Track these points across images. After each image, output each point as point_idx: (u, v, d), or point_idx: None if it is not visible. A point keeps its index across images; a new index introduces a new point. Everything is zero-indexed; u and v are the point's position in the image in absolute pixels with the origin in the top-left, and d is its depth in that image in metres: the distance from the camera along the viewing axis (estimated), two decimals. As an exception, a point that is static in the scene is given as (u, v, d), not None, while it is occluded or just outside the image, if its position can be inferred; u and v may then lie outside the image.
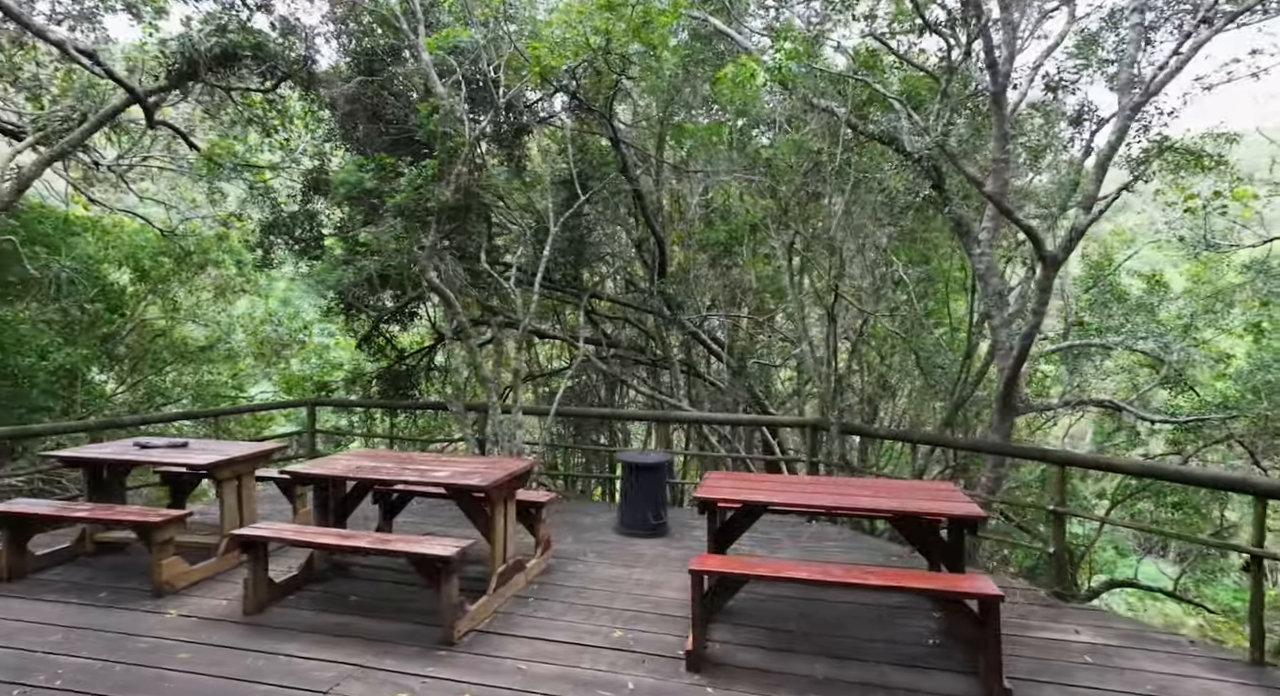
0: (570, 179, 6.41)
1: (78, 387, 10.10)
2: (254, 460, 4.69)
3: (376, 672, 3.16)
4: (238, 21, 6.09)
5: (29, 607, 3.92)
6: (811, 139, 6.23)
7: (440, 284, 5.49)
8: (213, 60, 5.96)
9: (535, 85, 5.69)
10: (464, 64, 5.50)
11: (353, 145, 7.73)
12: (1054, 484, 4.15)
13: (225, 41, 5.85)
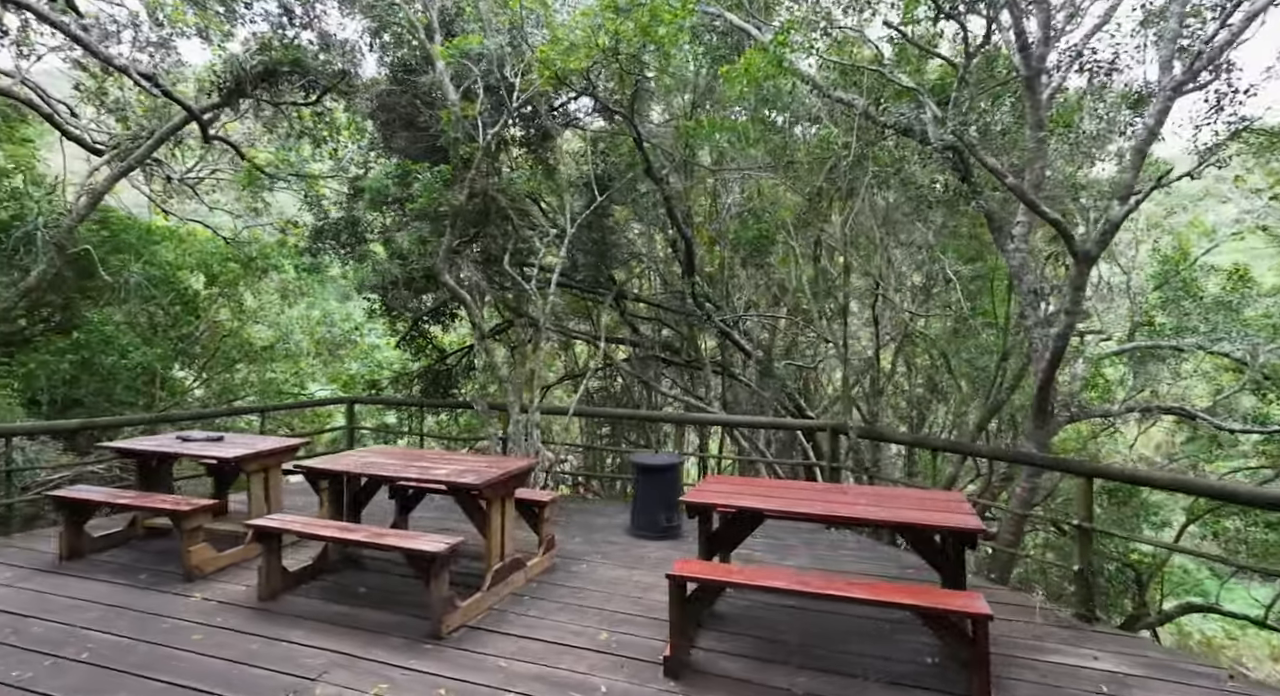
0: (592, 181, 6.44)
1: (156, 384, 10.95)
2: (279, 454, 4.97)
3: (363, 662, 3.28)
4: (280, 40, 6.46)
5: (79, 585, 4.29)
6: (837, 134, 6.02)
7: (456, 286, 5.65)
8: (256, 78, 6.35)
9: (549, 89, 5.74)
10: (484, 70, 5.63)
11: (394, 153, 8.06)
12: (1079, 496, 3.85)
13: (266, 59, 6.22)
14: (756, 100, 7.12)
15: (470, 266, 6.08)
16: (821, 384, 11.93)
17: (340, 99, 8.16)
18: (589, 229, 7.21)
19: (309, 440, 5.46)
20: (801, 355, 10.91)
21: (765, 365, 7.50)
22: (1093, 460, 9.08)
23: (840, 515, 3.33)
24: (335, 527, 3.90)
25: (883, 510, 3.37)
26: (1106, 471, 3.95)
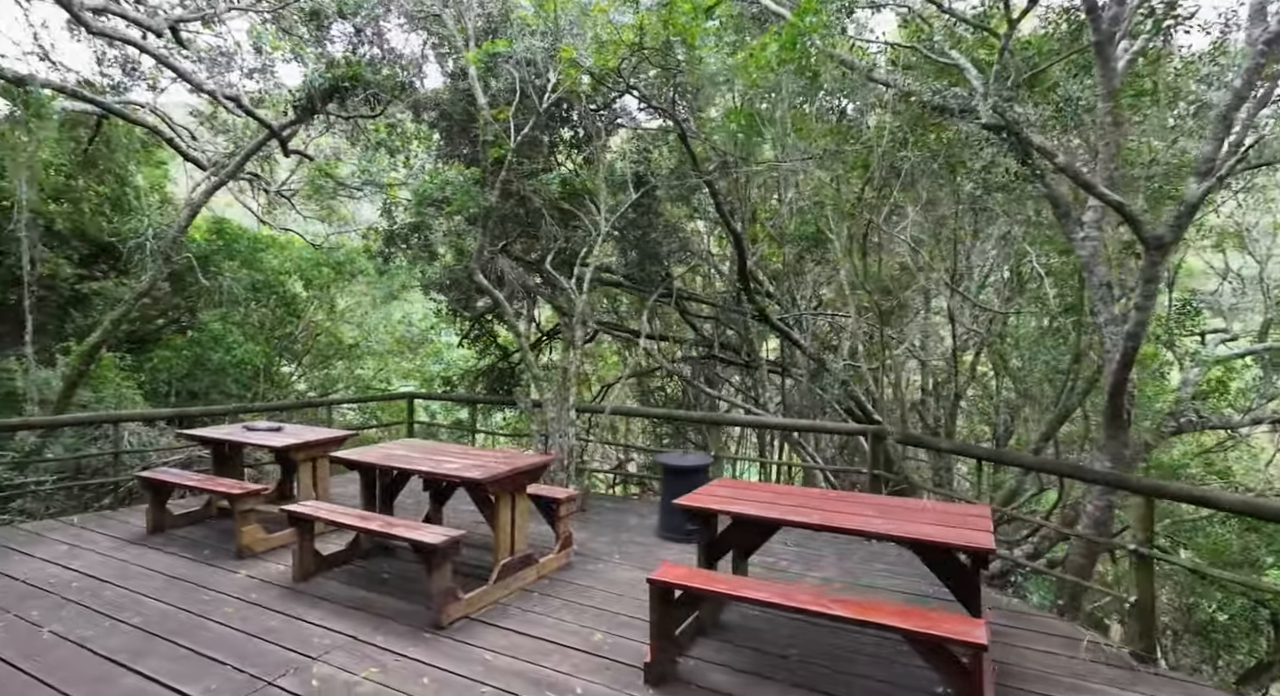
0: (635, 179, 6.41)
1: (261, 377, 12.05)
2: (326, 444, 5.31)
3: (364, 646, 3.44)
4: (347, 58, 6.93)
5: (153, 556, 4.80)
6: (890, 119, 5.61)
7: (490, 286, 5.81)
8: (323, 94, 6.84)
9: (571, 88, 5.76)
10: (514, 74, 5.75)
11: (458, 159, 8.42)
12: (1137, 517, 3.36)
13: (331, 76, 6.68)
14: (811, 89, 6.83)
15: (512, 266, 6.24)
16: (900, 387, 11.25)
17: (407, 110, 8.62)
18: (634, 227, 7.18)
19: (357, 432, 5.82)
20: (875, 356, 10.33)
21: (817, 366, 7.16)
22: (1225, 479, 7.94)
23: (835, 525, 3.10)
24: (355, 516, 4.11)
25: (885, 521, 3.10)
26: (1165, 489, 3.39)
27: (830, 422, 6.29)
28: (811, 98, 6.30)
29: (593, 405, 7.14)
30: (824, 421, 6.97)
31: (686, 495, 3.63)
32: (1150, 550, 3.32)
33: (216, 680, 3.08)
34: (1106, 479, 3.73)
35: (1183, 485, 3.42)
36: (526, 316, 6.42)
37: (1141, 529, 3.35)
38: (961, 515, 3.21)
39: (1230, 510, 3.50)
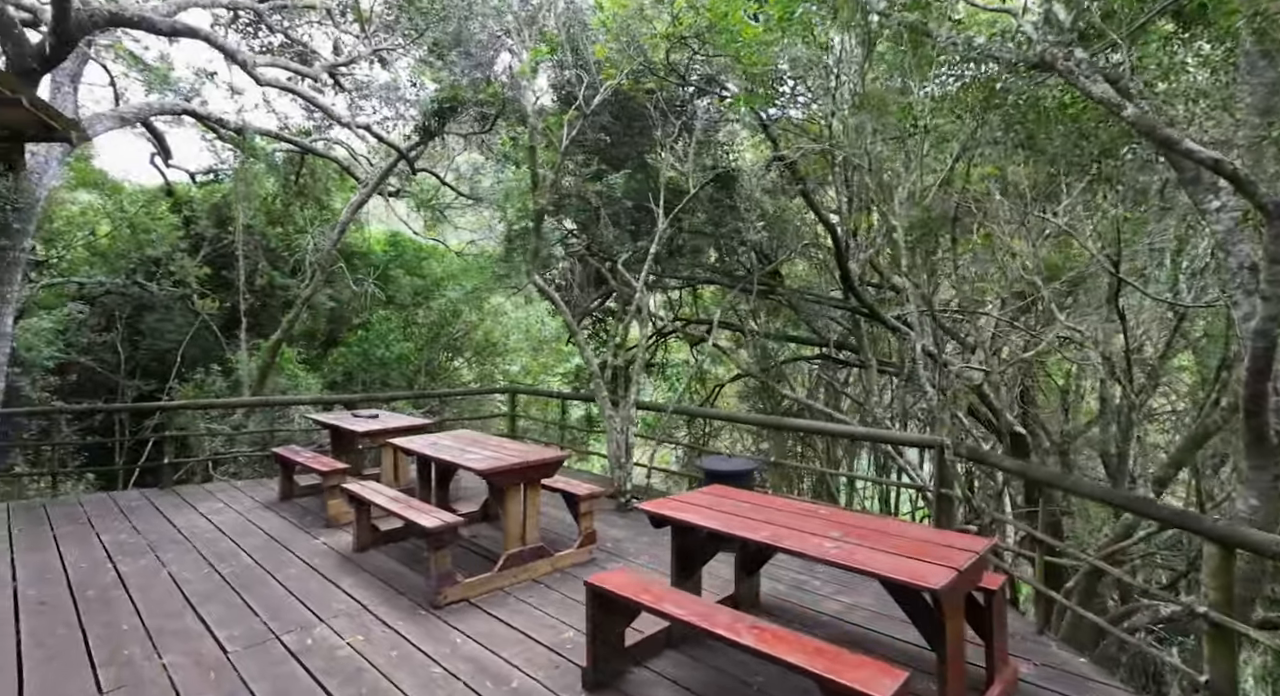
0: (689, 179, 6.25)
1: (420, 371, 13.71)
2: (401, 431, 5.93)
3: (365, 615, 3.82)
4: (449, 82, 7.66)
5: (272, 519, 5.76)
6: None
7: (544, 285, 6.04)
8: (434, 116, 7.62)
9: (630, 87, 5.72)
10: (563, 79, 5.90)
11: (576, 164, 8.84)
12: (1210, 572, 2.50)
13: (437, 101, 7.42)
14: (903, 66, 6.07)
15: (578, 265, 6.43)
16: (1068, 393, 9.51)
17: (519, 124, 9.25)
18: (711, 222, 6.98)
19: (430, 421, 6.41)
20: (1039, 359, 8.88)
21: (910, 367, 6.34)
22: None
23: (779, 545, 2.76)
24: (386, 497, 4.56)
25: (839, 546, 2.70)
26: (1247, 539, 2.42)
27: (897, 433, 5.55)
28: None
29: (654, 404, 7.08)
30: (890, 431, 6.16)
31: (655, 501, 3.48)
32: (1226, 617, 2.46)
33: (242, 629, 3.64)
34: (1167, 517, 2.79)
35: (1266, 536, 2.41)
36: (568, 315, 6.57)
37: (1216, 588, 2.50)
38: (942, 545, 2.67)
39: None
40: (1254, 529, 2.49)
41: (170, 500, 6.43)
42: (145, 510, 6.08)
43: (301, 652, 3.36)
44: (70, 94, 8.99)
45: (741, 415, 7.89)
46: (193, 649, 3.41)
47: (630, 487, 6.07)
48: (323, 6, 11.21)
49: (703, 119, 6.61)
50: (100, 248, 12.09)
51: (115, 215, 12.58)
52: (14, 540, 5.24)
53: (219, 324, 11.75)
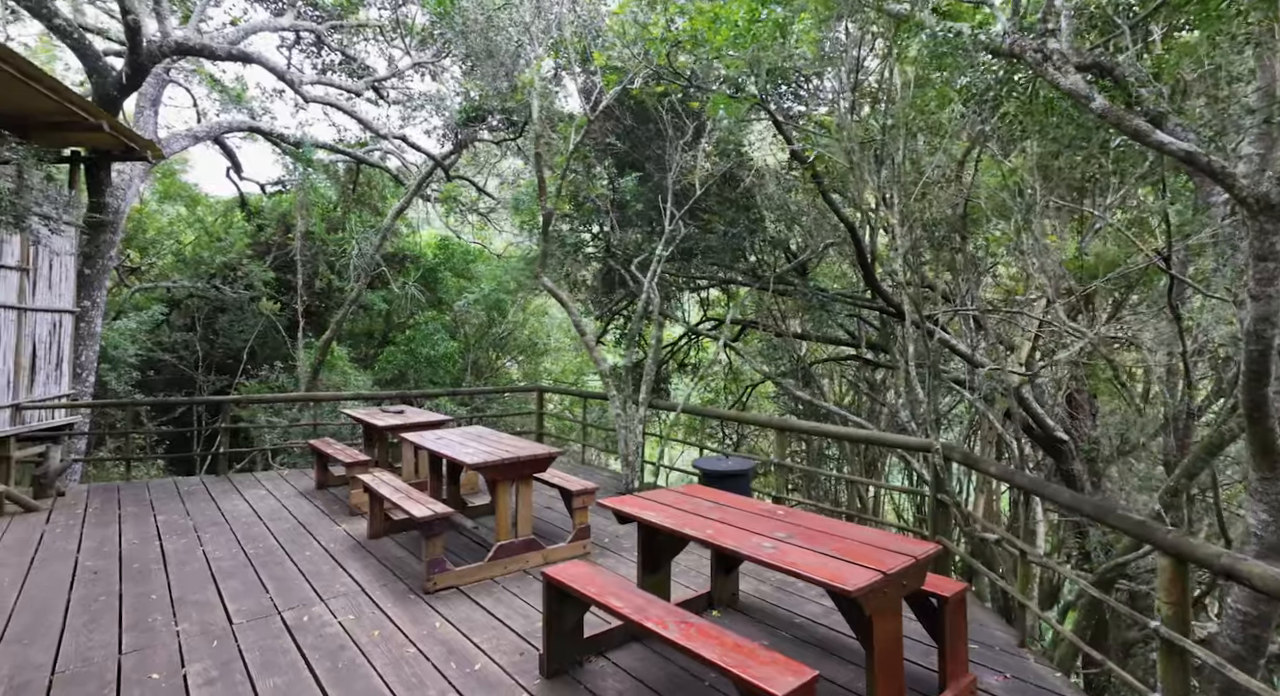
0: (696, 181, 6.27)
1: (467, 369, 14.25)
2: (420, 427, 6.25)
3: (361, 597, 4.10)
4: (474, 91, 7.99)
5: (304, 506, 6.20)
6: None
7: (552, 286, 6.20)
8: (462, 125, 7.97)
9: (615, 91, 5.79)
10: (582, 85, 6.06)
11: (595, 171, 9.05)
12: (1163, 587, 2.34)
13: (464, 110, 7.76)
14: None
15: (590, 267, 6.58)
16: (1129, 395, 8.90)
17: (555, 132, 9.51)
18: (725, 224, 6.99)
19: (451, 419, 6.70)
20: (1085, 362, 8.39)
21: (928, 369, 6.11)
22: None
23: (717, 543, 2.81)
24: (391, 488, 4.85)
25: (778, 547, 2.71)
26: (1193, 552, 2.20)
27: (892, 435, 5.37)
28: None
29: (665, 403, 7.14)
30: (885, 434, 5.96)
31: (619, 497, 3.58)
32: (1180, 634, 2.31)
33: (250, 604, 3.99)
34: (1128, 527, 2.58)
35: (1214, 550, 2.16)
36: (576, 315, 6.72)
37: (1168, 602, 2.35)
38: (882, 549, 2.64)
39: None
40: (1199, 542, 2.31)
41: (222, 486, 7.02)
42: (199, 494, 6.68)
43: (296, 628, 3.66)
44: (151, 116, 9.90)
45: (740, 415, 7.84)
46: (205, 619, 3.77)
47: (639, 485, 6.17)
48: (374, 24, 11.86)
49: (716, 121, 6.63)
50: (186, 255, 13.22)
51: (196, 225, 13.73)
52: (87, 517, 5.88)
53: (284, 324, 12.65)
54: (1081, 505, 3.01)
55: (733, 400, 11.15)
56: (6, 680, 3.15)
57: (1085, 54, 3.62)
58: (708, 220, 7.05)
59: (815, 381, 9.38)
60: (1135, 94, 3.37)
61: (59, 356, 7.65)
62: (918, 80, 5.67)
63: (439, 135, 10.27)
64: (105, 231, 8.90)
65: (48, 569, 4.59)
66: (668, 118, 6.34)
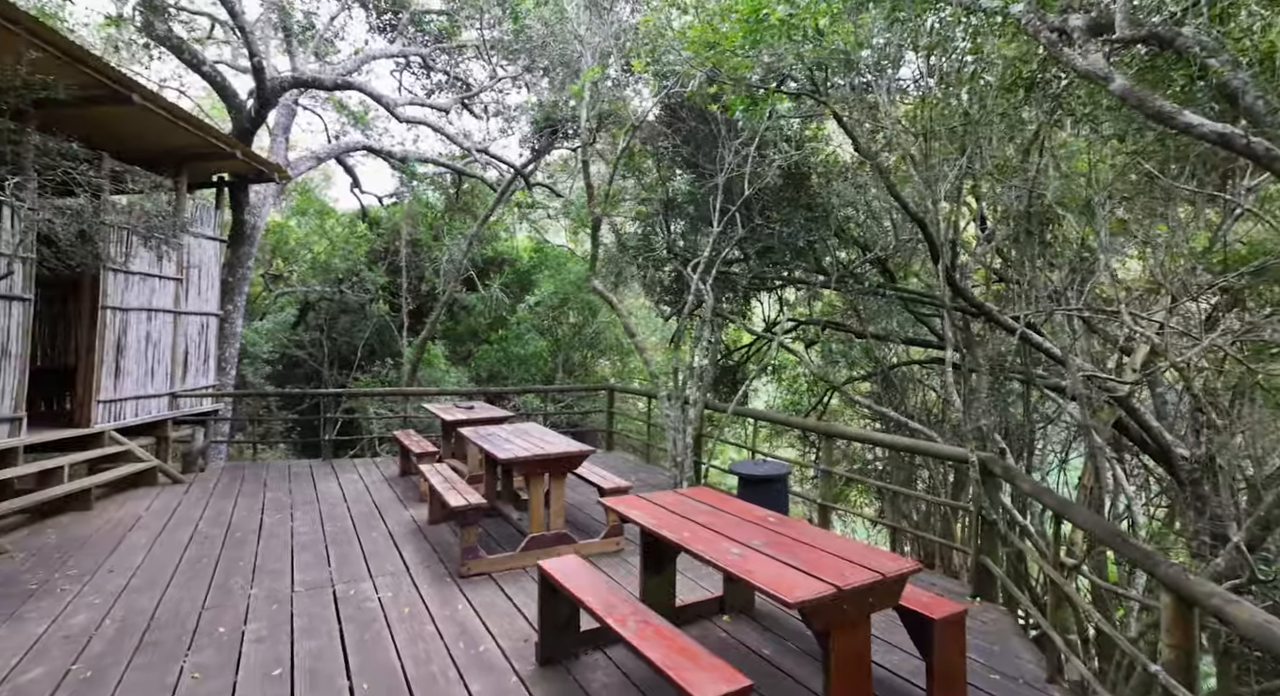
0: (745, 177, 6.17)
1: (559, 367, 14.84)
2: (479, 423, 6.67)
3: (402, 578, 4.49)
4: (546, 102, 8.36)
5: (382, 490, 6.84)
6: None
7: (602, 289, 6.32)
8: (533, 135, 8.39)
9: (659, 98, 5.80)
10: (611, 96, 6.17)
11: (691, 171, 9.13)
12: (1165, 627, 2.01)
13: (535, 121, 8.16)
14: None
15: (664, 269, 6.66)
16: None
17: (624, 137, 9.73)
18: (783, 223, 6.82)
19: (510, 415, 7.06)
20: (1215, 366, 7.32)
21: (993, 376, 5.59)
22: None
23: (689, 547, 2.82)
24: (440, 478, 5.24)
25: (744, 555, 2.68)
26: (1189, 589, 1.79)
27: (931, 444, 4.95)
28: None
29: (718, 405, 7.06)
30: (925, 443, 5.46)
31: (625, 498, 3.67)
32: (1183, 683, 1.99)
33: (313, 576, 4.50)
34: (1135, 556, 2.20)
35: (1210, 587, 1.71)
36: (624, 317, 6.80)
37: (1170, 644, 2.04)
38: (851, 563, 2.53)
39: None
40: (1197, 579, 1.97)
41: (324, 470, 7.90)
42: (304, 476, 7.56)
43: (342, 600, 4.10)
44: (282, 142, 11.25)
45: (785, 417, 7.58)
46: (273, 586, 4.32)
47: (685, 486, 6.21)
48: (473, 44, 12.70)
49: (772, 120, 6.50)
50: (318, 262, 14.87)
51: (325, 236, 15.39)
52: (214, 491, 6.86)
53: (396, 324, 13.90)
54: (1096, 528, 2.69)
55: (812, 404, 10.80)
56: (120, 620, 3.81)
57: (1142, 25, 3.23)
58: (769, 219, 6.92)
59: (896, 385, 8.88)
60: (1200, 66, 2.96)
61: (206, 353, 8.92)
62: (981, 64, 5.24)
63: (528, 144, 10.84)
64: (244, 244, 10.25)
65: (174, 532, 5.44)
66: (721, 117, 6.32)
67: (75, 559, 4.76)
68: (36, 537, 5.21)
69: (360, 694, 3.04)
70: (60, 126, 5.66)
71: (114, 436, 6.73)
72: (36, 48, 4.72)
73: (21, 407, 5.71)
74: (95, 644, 3.49)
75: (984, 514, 4.03)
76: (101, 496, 6.34)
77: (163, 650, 3.43)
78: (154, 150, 7.43)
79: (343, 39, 12.84)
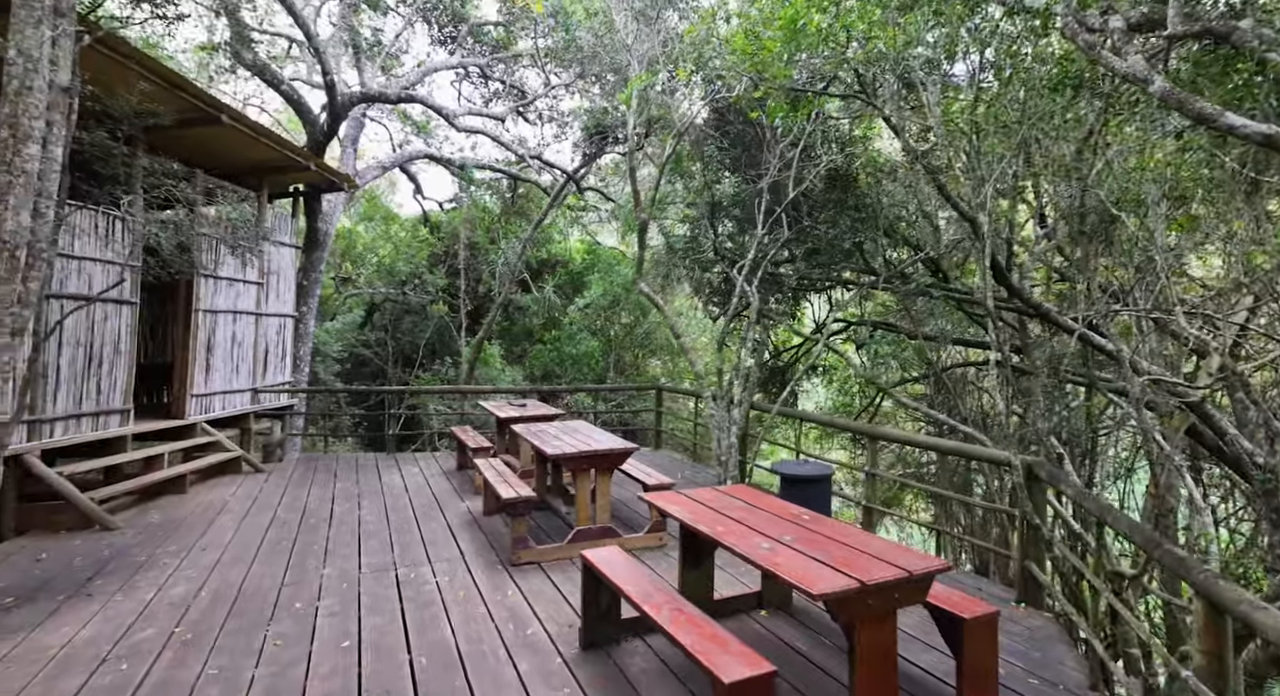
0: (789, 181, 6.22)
1: (610, 366, 15.12)
2: (531, 420, 6.96)
3: (458, 564, 4.79)
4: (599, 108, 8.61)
5: (440, 483, 7.24)
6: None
7: (649, 291, 6.46)
8: (585, 141, 8.65)
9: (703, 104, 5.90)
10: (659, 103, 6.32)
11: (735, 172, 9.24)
12: (1197, 633, 1.99)
13: (586, 127, 8.42)
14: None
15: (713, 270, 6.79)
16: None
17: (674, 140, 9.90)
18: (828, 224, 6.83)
19: (561, 414, 7.32)
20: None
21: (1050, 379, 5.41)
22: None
23: (723, 541, 2.95)
24: (494, 473, 5.53)
25: (774, 549, 2.80)
26: (1220, 595, 1.73)
27: (973, 447, 4.85)
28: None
29: (764, 405, 7.10)
30: (968, 445, 5.31)
31: (663, 493, 3.83)
32: (1215, 691, 1.98)
33: (378, 559, 4.86)
34: (1169, 563, 2.13)
35: (1239, 594, 1.62)
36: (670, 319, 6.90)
37: (1202, 651, 2.03)
38: (879, 560, 2.60)
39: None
40: (1227, 585, 1.94)
41: (388, 462, 8.39)
42: (370, 468, 8.06)
43: (404, 582, 4.43)
44: (351, 153, 11.94)
45: (828, 418, 7.52)
46: (344, 567, 4.70)
47: (729, 484, 6.31)
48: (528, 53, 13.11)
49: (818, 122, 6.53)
50: (384, 265, 15.66)
51: (390, 240, 16.18)
52: (290, 479, 7.41)
53: (455, 324, 14.50)
54: (1134, 534, 2.66)
55: (863, 405, 10.67)
56: (213, 591, 4.25)
57: (1196, 19, 3.16)
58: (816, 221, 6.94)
59: (949, 388, 8.70)
60: (1259, 61, 2.90)
61: (283, 351, 9.60)
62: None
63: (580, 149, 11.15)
64: (317, 250, 10.95)
65: (257, 516, 5.94)
66: (766, 121, 6.39)
67: (174, 536, 5.29)
68: (142, 516, 5.81)
69: (419, 667, 3.32)
70: (161, 147, 6.27)
71: (205, 428, 7.37)
72: (146, 79, 5.27)
73: (129, 400, 6.35)
74: (193, 611, 3.91)
75: (1028, 519, 3.99)
76: (194, 482, 6.96)
77: (249, 619, 3.82)
78: (239, 165, 8.07)
79: (406, 53, 13.51)
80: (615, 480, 6.84)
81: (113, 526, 5.42)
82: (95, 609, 3.93)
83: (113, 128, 5.19)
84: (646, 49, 6.78)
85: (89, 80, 4.44)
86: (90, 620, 3.78)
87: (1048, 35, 3.98)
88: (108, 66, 5.05)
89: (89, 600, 4.06)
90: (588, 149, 9.10)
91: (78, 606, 3.97)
